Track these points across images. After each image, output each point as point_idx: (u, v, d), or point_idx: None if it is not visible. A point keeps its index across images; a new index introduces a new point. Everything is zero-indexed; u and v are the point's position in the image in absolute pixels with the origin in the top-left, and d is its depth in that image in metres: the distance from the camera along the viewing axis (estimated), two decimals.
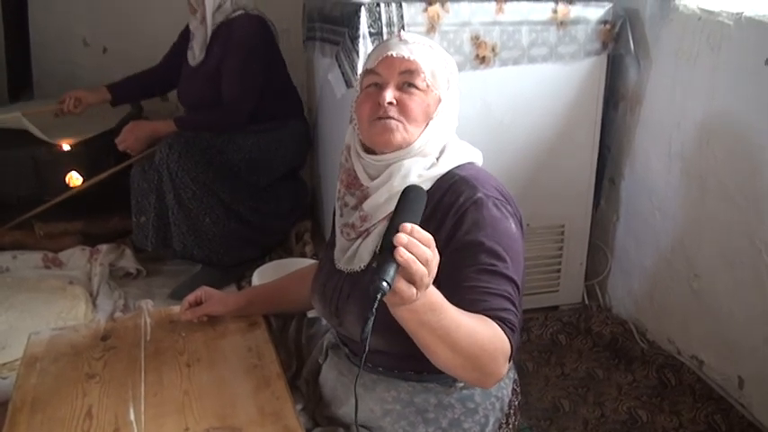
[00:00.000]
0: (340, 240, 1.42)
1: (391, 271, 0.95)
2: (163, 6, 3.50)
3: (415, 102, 1.32)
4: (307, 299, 1.56)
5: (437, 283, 1.16)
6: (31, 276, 2.76)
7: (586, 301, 2.67)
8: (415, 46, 1.34)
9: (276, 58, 2.89)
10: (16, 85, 3.43)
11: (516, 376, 1.52)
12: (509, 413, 1.44)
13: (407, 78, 1.32)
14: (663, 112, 2.28)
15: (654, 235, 2.37)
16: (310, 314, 1.75)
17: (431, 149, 1.35)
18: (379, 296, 0.95)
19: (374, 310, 0.97)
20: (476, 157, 1.40)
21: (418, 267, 0.96)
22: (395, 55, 1.32)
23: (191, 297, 1.69)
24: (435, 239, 1.25)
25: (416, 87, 1.32)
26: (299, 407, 1.44)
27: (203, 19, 2.76)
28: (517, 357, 2.06)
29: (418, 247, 0.97)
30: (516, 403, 1.48)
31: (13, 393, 1.42)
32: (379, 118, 1.32)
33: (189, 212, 2.64)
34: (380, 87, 1.33)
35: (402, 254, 0.95)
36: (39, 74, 3.47)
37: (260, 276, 2.41)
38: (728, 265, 2.05)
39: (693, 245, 2.19)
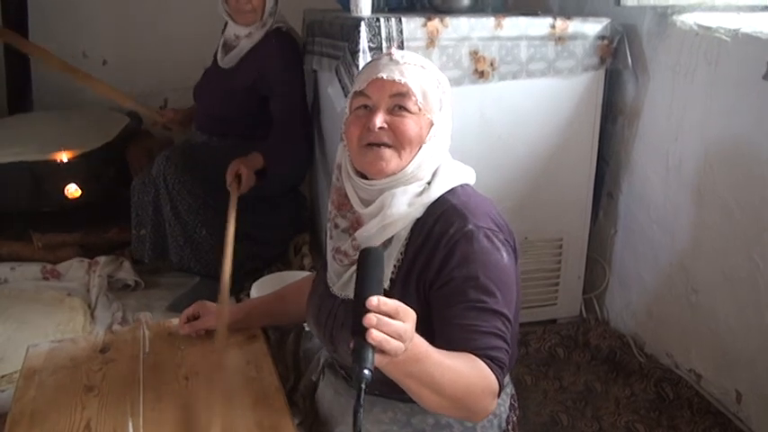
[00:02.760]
0: (333, 265, 1.41)
1: (369, 355, 0.96)
2: (162, 18, 3.53)
3: (407, 125, 1.28)
4: (304, 311, 1.56)
5: (428, 318, 1.19)
6: (29, 288, 2.76)
7: (584, 315, 2.67)
8: (406, 67, 1.30)
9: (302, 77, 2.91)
10: (16, 98, 3.44)
11: (514, 391, 1.51)
12: (507, 429, 1.44)
13: (398, 101, 1.29)
14: (660, 127, 2.29)
15: (652, 248, 2.38)
16: (308, 327, 1.76)
17: (423, 174, 1.32)
18: (364, 386, 0.96)
19: (362, 401, 0.96)
20: (468, 177, 1.38)
21: (391, 345, 0.97)
22: (385, 77, 1.28)
23: (188, 311, 1.68)
24: (427, 270, 1.26)
25: (408, 111, 1.29)
26: (297, 421, 1.44)
27: (263, 26, 2.76)
28: (515, 371, 2.07)
29: (389, 325, 0.97)
30: (514, 419, 1.48)
31: (12, 406, 1.41)
32: (370, 144, 1.29)
33: (185, 225, 2.64)
34: (370, 110, 1.30)
35: (374, 336, 0.95)
36: (38, 86, 3.48)
37: (258, 289, 2.41)
38: (726, 278, 2.05)
39: (691, 258, 2.20)
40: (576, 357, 2.43)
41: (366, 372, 0.95)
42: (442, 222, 1.27)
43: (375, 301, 0.97)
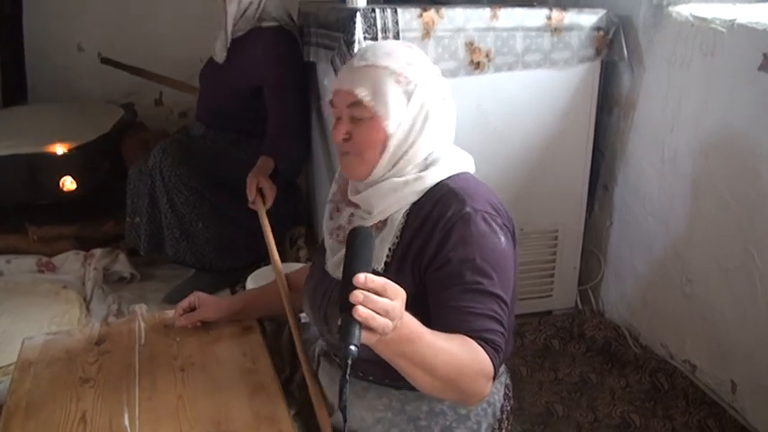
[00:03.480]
0: (329, 243, 1.43)
1: (356, 331, 0.96)
2: (157, 12, 3.52)
3: (361, 133, 1.30)
4: (301, 301, 1.57)
5: (424, 301, 1.19)
6: (24, 281, 2.76)
7: (580, 306, 2.68)
8: (361, 71, 1.31)
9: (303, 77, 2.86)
10: (11, 91, 3.43)
11: (509, 381, 1.52)
12: (501, 418, 1.44)
13: (353, 112, 1.31)
14: (656, 118, 2.29)
15: (647, 240, 2.38)
16: (304, 319, 1.76)
17: (404, 167, 1.32)
18: (350, 362, 0.96)
19: (347, 376, 0.97)
20: (467, 165, 1.38)
21: (378, 322, 0.97)
22: (342, 88, 1.31)
23: (184, 303, 1.68)
24: (423, 252, 1.26)
25: (362, 118, 1.30)
26: (293, 412, 1.44)
27: (224, 24, 2.72)
28: (510, 362, 2.07)
29: (375, 302, 0.97)
30: (509, 408, 1.48)
31: (7, 398, 1.42)
32: (342, 152, 1.34)
33: (182, 217, 2.63)
34: (338, 120, 1.34)
35: (361, 312, 0.95)
36: (33, 79, 3.48)
37: (254, 281, 2.41)
38: (721, 269, 2.05)
39: (687, 250, 2.20)
40: (571, 349, 2.44)
41: (352, 348, 0.95)
42: (440, 206, 1.27)
43: (362, 278, 0.97)
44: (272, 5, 2.74)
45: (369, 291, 0.97)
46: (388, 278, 1.01)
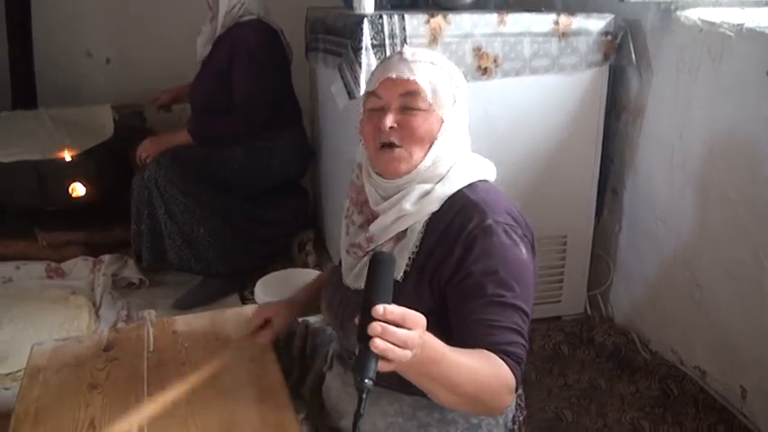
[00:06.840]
0: (346, 259, 1.42)
1: (372, 364, 0.96)
2: (165, 17, 3.53)
3: (417, 123, 1.29)
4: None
5: (442, 312, 1.19)
6: (33, 287, 2.76)
7: (589, 312, 2.67)
8: (416, 64, 1.31)
9: (283, 69, 2.90)
10: (20, 96, 3.44)
11: (521, 391, 1.50)
12: (513, 429, 1.44)
13: (408, 101, 1.29)
14: (665, 123, 2.29)
15: (656, 245, 2.37)
16: (316, 323, 1.75)
17: (441, 169, 1.32)
18: (364, 396, 0.96)
19: (362, 410, 0.97)
20: (488, 173, 1.39)
21: (396, 354, 0.97)
22: (395, 77, 1.30)
23: (256, 322, 1.61)
24: (444, 264, 1.25)
25: (418, 108, 1.29)
26: (302, 416, 1.44)
27: (213, 18, 2.79)
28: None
29: (394, 334, 0.96)
30: (521, 419, 1.47)
31: (16, 404, 1.42)
32: (383, 145, 1.30)
33: (182, 225, 2.63)
34: (382, 110, 1.31)
35: (378, 345, 0.95)
36: (42, 85, 3.49)
37: (263, 286, 2.41)
38: (731, 275, 2.04)
39: (696, 256, 2.19)
40: (580, 354, 2.43)
41: (367, 381, 0.96)
42: (461, 217, 1.27)
43: (381, 309, 0.97)
44: (254, 4, 2.80)
45: (388, 322, 0.97)
46: (407, 287, 1.00)
